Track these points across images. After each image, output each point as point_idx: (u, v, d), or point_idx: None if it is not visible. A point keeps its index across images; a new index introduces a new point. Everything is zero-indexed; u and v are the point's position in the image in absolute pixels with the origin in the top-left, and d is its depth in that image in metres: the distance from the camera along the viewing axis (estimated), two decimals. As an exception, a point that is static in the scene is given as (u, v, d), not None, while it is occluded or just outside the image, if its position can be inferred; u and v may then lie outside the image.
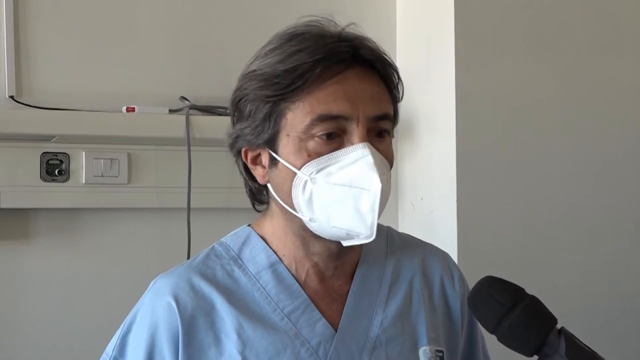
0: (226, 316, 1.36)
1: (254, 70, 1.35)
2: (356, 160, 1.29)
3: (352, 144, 1.30)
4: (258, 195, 1.43)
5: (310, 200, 1.31)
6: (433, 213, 2.55)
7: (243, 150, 1.38)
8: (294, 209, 1.34)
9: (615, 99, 2.69)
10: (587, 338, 1.25)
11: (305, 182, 1.31)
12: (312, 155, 1.30)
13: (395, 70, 1.38)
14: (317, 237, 1.36)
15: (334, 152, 1.30)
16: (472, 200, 2.48)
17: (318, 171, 1.30)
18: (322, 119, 1.29)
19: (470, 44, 2.50)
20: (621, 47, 2.71)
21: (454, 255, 2.40)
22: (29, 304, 2.34)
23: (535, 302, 1.22)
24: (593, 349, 1.21)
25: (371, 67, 1.34)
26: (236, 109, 1.38)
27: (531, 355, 1.21)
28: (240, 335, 1.35)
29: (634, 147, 2.71)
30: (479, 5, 2.52)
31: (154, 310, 1.37)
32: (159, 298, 1.37)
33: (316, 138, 1.30)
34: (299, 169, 1.31)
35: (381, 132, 1.34)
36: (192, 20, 2.51)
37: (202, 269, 1.41)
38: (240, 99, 1.36)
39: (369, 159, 1.28)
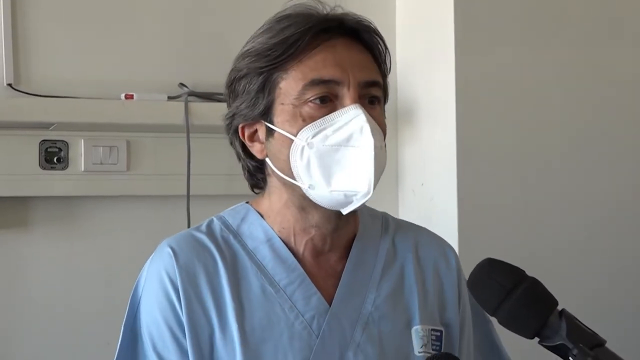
0: (225, 284, 1.39)
1: (247, 50, 1.41)
2: (350, 120, 1.33)
3: (344, 106, 1.34)
4: (256, 175, 1.46)
5: (308, 165, 1.35)
6: (433, 199, 2.55)
7: (240, 127, 1.42)
8: (293, 178, 1.37)
9: (616, 86, 2.68)
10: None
11: (303, 147, 1.35)
12: (307, 120, 1.35)
13: (381, 38, 1.43)
14: (317, 207, 1.39)
15: (328, 115, 1.34)
16: (473, 186, 2.48)
17: (314, 135, 1.34)
18: (314, 83, 1.34)
19: (470, 31, 2.49)
20: (623, 34, 2.70)
21: (454, 241, 2.41)
22: (28, 292, 2.34)
23: (535, 283, 1.21)
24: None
25: (357, 38, 1.40)
26: (231, 90, 1.43)
27: (532, 338, 1.20)
28: (236, 304, 1.38)
29: (636, 133, 2.70)
30: (479, -8, 2.52)
31: (162, 258, 1.42)
32: (165, 249, 1.43)
33: (310, 103, 1.35)
34: (295, 135, 1.35)
35: (372, 99, 1.38)
36: (190, 7, 2.50)
37: (207, 236, 1.45)
38: (234, 79, 1.42)
39: (362, 117, 1.33)
